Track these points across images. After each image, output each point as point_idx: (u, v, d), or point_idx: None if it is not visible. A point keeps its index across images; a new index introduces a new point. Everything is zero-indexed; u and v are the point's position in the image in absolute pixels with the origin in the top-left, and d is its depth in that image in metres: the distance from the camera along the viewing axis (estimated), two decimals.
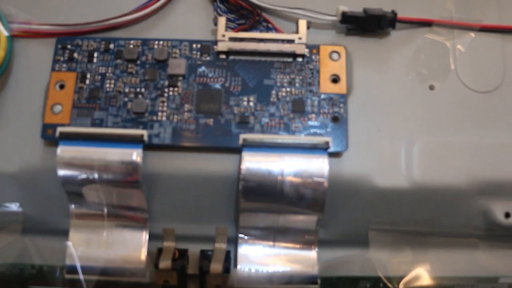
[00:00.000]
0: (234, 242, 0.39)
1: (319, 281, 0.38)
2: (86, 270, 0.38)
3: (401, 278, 0.39)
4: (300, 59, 0.40)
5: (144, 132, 0.37)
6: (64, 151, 0.37)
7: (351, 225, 0.39)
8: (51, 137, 0.38)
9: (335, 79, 0.39)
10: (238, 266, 0.38)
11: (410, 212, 0.39)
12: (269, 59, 0.40)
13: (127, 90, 0.39)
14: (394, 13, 0.40)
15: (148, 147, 0.38)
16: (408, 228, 0.39)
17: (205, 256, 0.38)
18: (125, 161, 0.37)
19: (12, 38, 0.40)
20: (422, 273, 0.40)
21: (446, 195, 0.38)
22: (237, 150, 0.38)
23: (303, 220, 0.38)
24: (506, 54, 0.41)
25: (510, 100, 0.40)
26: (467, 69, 0.41)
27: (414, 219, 0.39)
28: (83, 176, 0.37)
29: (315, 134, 0.38)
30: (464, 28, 0.41)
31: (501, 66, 0.41)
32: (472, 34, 0.41)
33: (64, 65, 0.40)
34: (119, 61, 0.40)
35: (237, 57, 0.40)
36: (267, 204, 0.37)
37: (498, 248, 0.40)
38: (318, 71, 0.39)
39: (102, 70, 0.39)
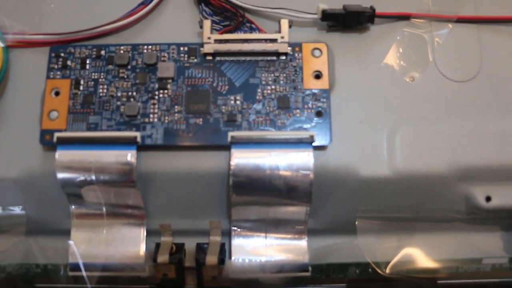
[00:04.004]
0: (228, 234, 0.40)
1: (310, 268, 0.39)
2: (88, 267, 0.39)
3: (389, 262, 0.40)
4: (283, 57, 0.41)
5: (137, 134, 0.39)
6: (62, 155, 0.38)
7: (339, 214, 0.41)
8: (49, 142, 0.39)
9: (318, 75, 0.41)
10: (233, 257, 0.40)
11: (394, 199, 0.40)
12: (253, 58, 0.41)
13: (119, 94, 0.40)
14: (372, 9, 0.41)
15: (142, 147, 0.39)
16: (393, 214, 0.40)
17: (201, 249, 0.39)
18: (120, 162, 0.38)
19: (8, 48, 0.41)
20: (408, 257, 0.41)
21: (428, 182, 0.39)
22: (226, 147, 0.39)
23: (293, 211, 0.39)
24: (483, 43, 0.42)
25: (488, 88, 0.41)
26: (445, 59, 0.42)
27: (399, 205, 0.40)
28: (81, 178, 0.38)
29: (300, 128, 0.39)
30: (441, 20, 0.42)
31: (478, 55, 0.42)
32: (449, 26, 0.42)
33: (59, 72, 0.41)
34: (110, 66, 0.41)
35: (223, 58, 0.41)
36: (257, 198, 0.38)
37: (480, 230, 0.41)
38: (301, 68, 0.41)
39: (94, 76, 0.41)
